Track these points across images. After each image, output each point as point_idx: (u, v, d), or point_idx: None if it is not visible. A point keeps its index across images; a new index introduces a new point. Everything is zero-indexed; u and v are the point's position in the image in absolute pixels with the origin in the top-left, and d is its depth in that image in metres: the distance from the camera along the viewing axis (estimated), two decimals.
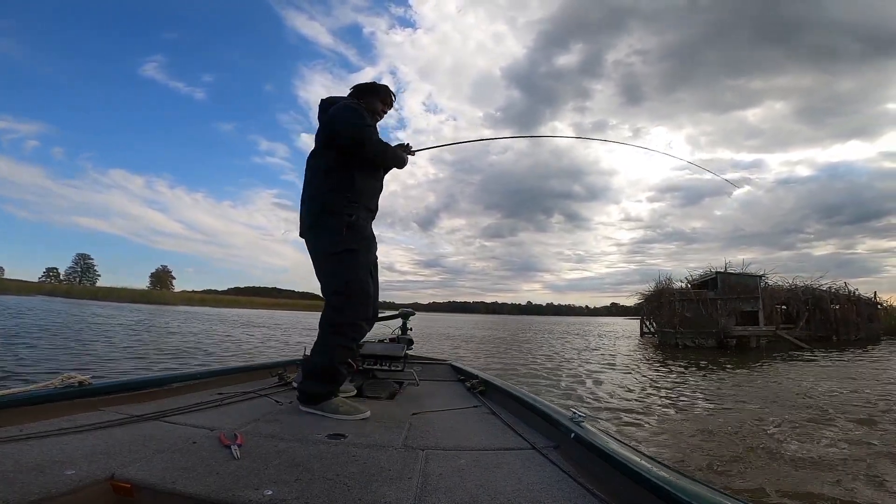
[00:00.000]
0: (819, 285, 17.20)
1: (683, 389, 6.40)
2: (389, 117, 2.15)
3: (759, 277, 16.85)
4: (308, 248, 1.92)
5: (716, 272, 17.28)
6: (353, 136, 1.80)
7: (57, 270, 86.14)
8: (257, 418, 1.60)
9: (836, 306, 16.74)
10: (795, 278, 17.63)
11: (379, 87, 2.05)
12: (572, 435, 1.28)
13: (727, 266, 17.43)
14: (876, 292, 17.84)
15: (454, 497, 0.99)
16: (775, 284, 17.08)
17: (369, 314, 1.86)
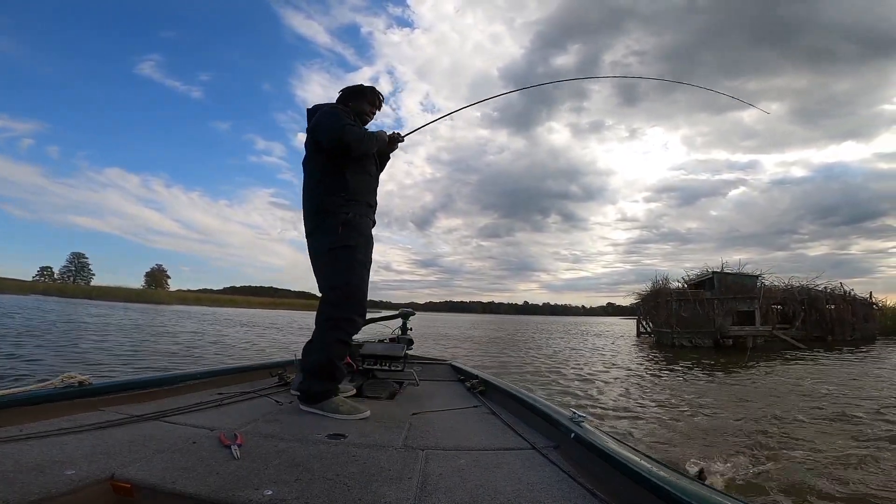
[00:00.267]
0: (815, 285, 17.30)
1: (681, 389, 6.42)
2: (386, 116, 2.24)
3: (757, 277, 16.92)
4: (308, 250, 1.95)
5: (713, 272, 17.33)
6: (336, 140, 1.83)
7: (51, 269, 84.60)
8: (257, 418, 1.60)
9: (832, 306, 16.83)
10: (791, 278, 17.74)
11: (365, 89, 2.09)
12: (572, 435, 1.28)
13: (724, 266, 17.51)
14: (871, 292, 17.98)
15: (454, 497, 0.99)
16: (771, 284, 17.15)
17: (364, 310, 1.89)
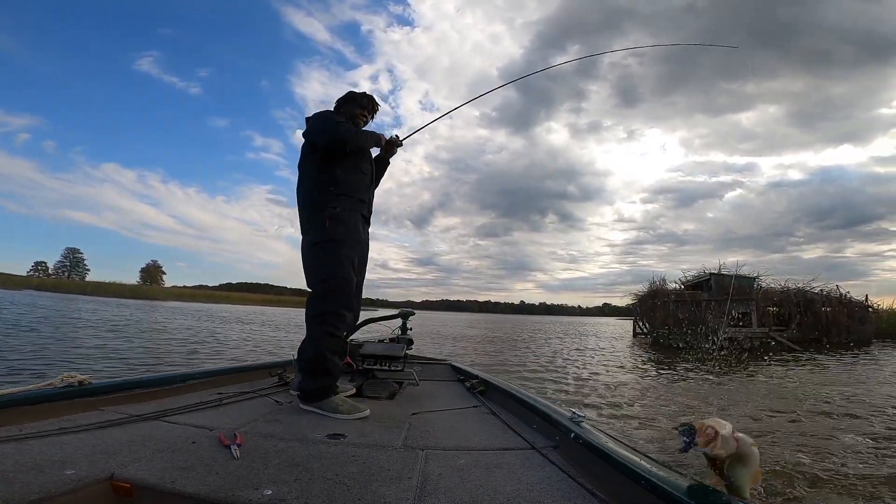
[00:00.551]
0: (811, 288, 17.38)
1: (680, 390, 6.45)
2: (385, 115, 2.31)
3: (754, 279, 17.00)
4: (301, 245, 1.99)
5: (710, 273, 17.41)
6: (329, 136, 1.91)
7: (45, 264, 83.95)
8: (257, 418, 1.60)
9: (828, 309, 16.92)
10: (787, 281, 17.81)
11: (356, 95, 2.19)
12: (572, 435, 1.29)
13: (721, 268, 17.59)
14: (868, 296, 18.06)
15: (454, 497, 0.99)
16: (768, 287, 17.24)
17: (351, 304, 1.91)
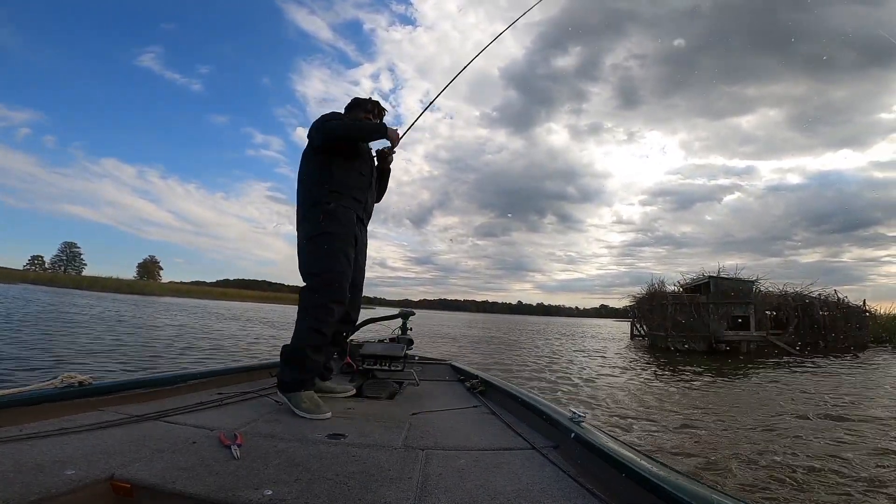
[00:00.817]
0: (809, 292, 17.42)
1: (678, 392, 6.46)
2: (386, 114, 2.27)
3: (753, 283, 17.02)
4: (297, 240, 2.00)
5: (709, 276, 17.41)
6: (322, 130, 1.95)
7: (42, 258, 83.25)
8: (257, 418, 1.60)
9: (825, 313, 16.94)
10: (786, 284, 17.84)
11: (360, 101, 2.23)
12: (572, 435, 1.28)
13: (720, 271, 17.60)
14: (865, 300, 18.14)
15: (454, 497, 0.99)
16: (766, 290, 17.26)
17: (344, 296, 1.89)
